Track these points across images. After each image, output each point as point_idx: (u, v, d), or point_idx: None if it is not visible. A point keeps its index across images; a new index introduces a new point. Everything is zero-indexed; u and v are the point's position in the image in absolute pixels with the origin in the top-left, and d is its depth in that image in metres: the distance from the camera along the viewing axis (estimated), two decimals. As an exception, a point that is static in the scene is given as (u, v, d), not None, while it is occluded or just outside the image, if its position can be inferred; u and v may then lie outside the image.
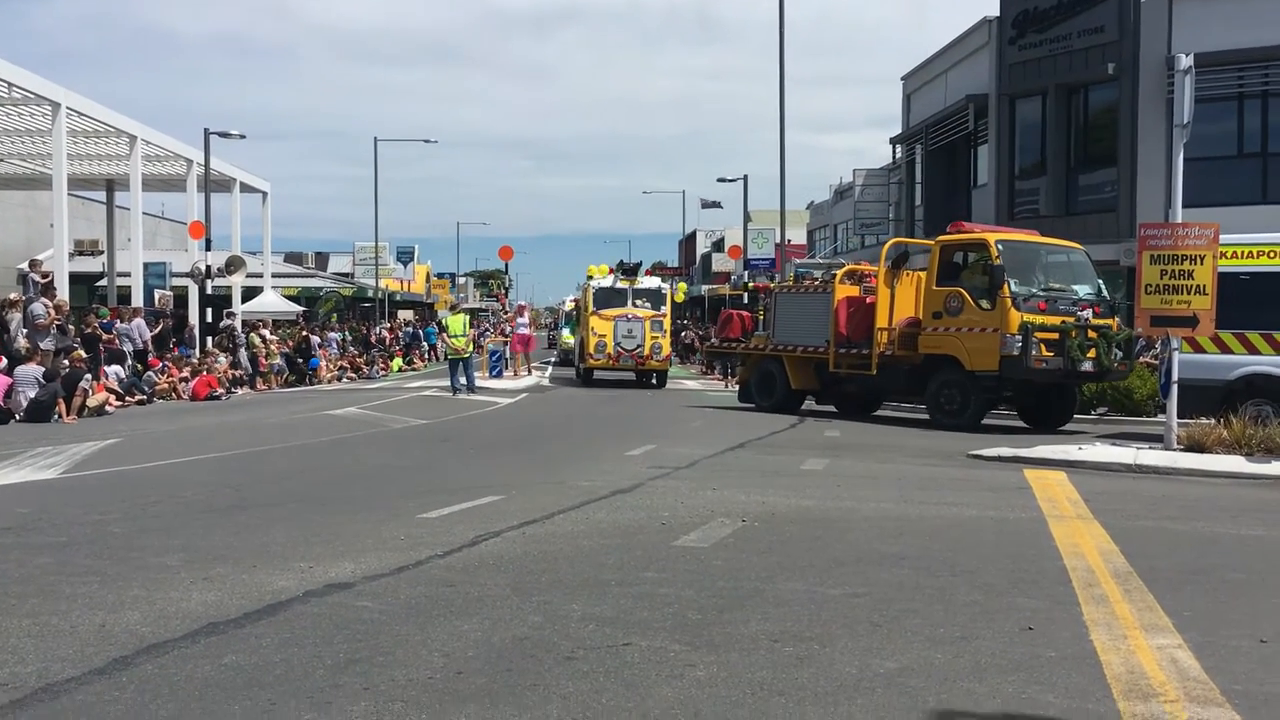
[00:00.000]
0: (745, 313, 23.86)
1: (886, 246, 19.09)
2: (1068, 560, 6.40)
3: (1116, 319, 16.60)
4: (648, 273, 30.52)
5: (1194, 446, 11.55)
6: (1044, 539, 7.12)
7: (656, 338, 27.88)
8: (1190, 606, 5.32)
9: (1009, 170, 29.36)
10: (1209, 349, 13.71)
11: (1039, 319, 15.44)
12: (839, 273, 19.27)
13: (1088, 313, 15.83)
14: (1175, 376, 12.02)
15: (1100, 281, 16.85)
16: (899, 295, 17.70)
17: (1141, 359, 18.74)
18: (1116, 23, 25.69)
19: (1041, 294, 15.93)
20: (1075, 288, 16.43)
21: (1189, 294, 11.57)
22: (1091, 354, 15.52)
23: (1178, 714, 3.78)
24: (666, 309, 28.96)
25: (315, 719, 3.68)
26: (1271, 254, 13.70)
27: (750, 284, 23.78)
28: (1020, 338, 15.24)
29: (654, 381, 28.77)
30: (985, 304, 15.80)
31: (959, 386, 16.24)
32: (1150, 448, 11.98)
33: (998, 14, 29.01)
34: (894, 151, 38.99)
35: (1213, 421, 12.16)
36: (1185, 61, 12.22)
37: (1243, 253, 13.77)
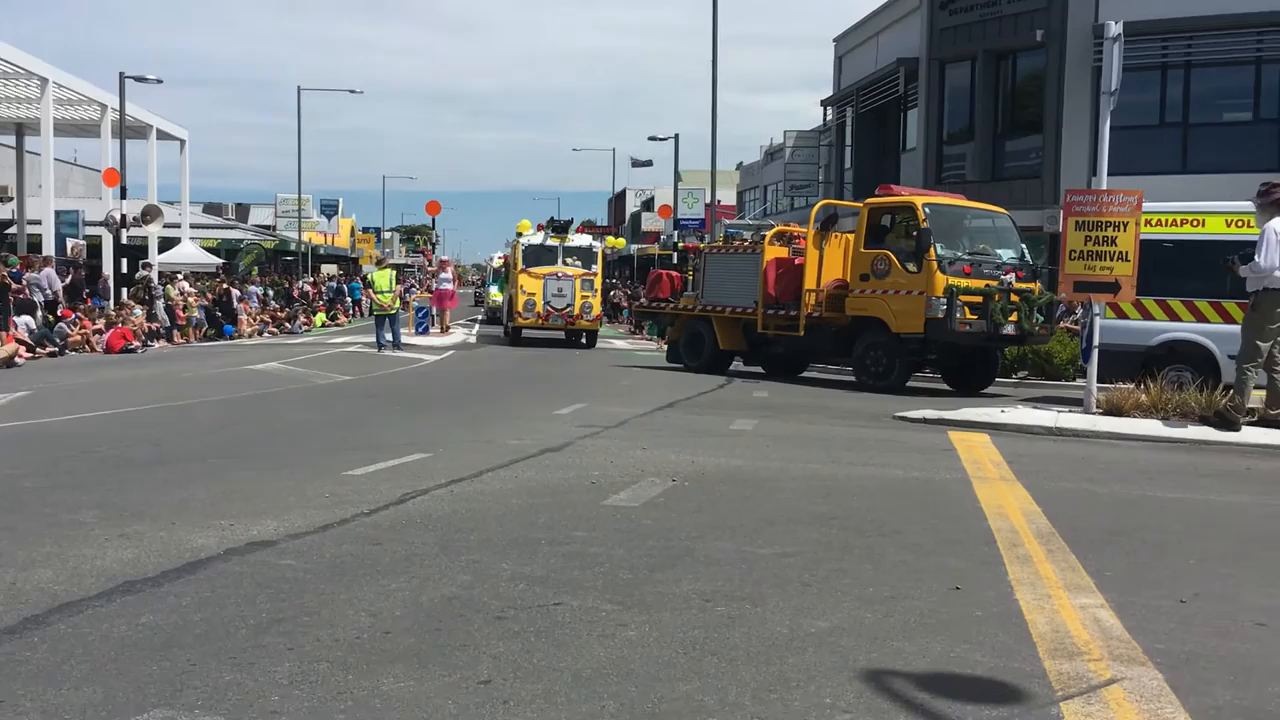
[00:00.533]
0: (674, 273, 23.69)
1: (816, 208, 19.08)
2: (992, 521, 6.49)
3: (1038, 283, 16.88)
4: (579, 230, 29.99)
5: (1112, 410, 11.79)
6: (969, 500, 7.21)
7: (587, 297, 27.46)
8: (1111, 567, 5.42)
9: (938, 135, 29.62)
10: (1131, 315, 13.96)
11: (964, 282, 15.59)
12: (768, 234, 19.22)
13: (1011, 277, 16.03)
14: (1096, 341, 12.23)
15: (1023, 246, 17.07)
16: (827, 257, 17.73)
17: (1062, 324, 19.11)
18: (1046, -10, 25.94)
19: (966, 258, 16.07)
20: (999, 252, 16.62)
21: (1112, 260, 11.75)
22: (1014, 318, 15.74)
23: (1101, 672, 3.84)
24: (598, 268, 28.52)
25: (237, 680, 3.58)
26: (1195, 222, 13.98)
27: (680, 244, 23.48)
28: (945, 300, 15.35)
29: (584, 341, 28.38)
30: (912, 267, 15.89)
31: (885, 348, 16.35)
32: (1070, 411, 12.21)
33: (930, -22, 29.13)
34: (825, 114, 39.12)
35: (1131, 386, 12.42)
36: (1114, 29, 12.34)
37: (1167, 220, 14.03)
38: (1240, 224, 13.13)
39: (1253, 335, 10.59)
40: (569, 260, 27.78)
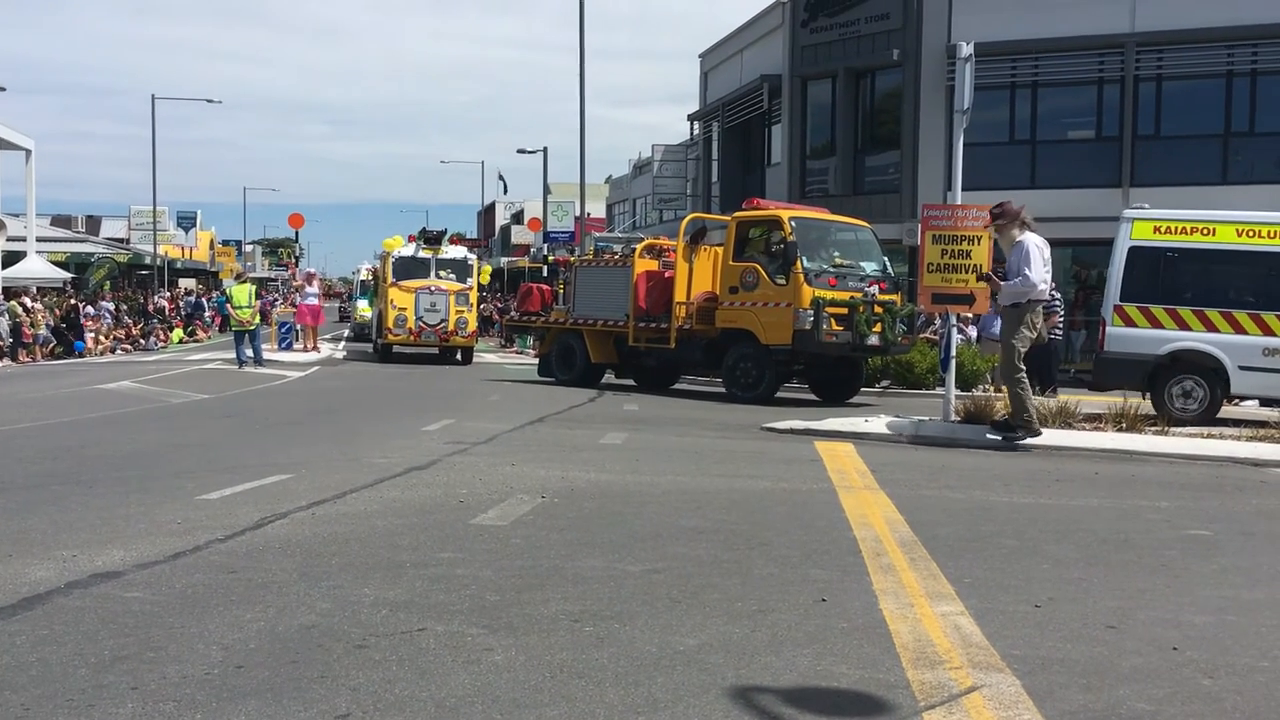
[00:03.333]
0: (545, 286, 23.42)
1: (685, 222, 19.19)
2: (857, 531, 6.59)
3: (900, 295, 17.31)
4: (453, 241, 28.26)
5: (971, 419, 12.15)
6: (835, 510, 7.32)
7: (462, 311, 26.31)
8: (970, 573, 5.55)
9: (801, 150, 30.22)
10: (1140, 323, 13.83)
11: (830, 294, 15.88)
12: (639, 247, 19.26)
13: (875, 289, 16.43)
14: (954, 351, 12.59)
15: (885, 259, 17.48)
16: (697, 270, 17.86)
17: (922, 334, 19.65)
18: (901, 11, 26.74)
19: (831, 270, 16.38)
20: (863, 264, 16.97)
21: (967, 273, 12.10)
22: (878, 329, 16.10)
23: (962, 680, 3.91)
24: (473, 281, 27.32)
25: (75, 725, 3.37)
26: (1205, 230, 13.85)
27: (550, 257, 23.22)
28: (812, 312, 15.60)
29: (459, 358, 27.25)
30: (780, 279, 16.11)
31: (754, 360, 16.51)
32: (931, 419, 12.53)
33: (791, -3, 29.74)
34: (692, 128, 39.55)
35: (990, 395, 12.82)
36: (966, 50, 12.75)
37: (1176, 229, 13.96)
38: (1251, 234, 13.52)
39: (1013, 345, 10.76)
40: (442, 273, 26.58)
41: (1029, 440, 10.85)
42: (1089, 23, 24.68)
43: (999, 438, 11.03)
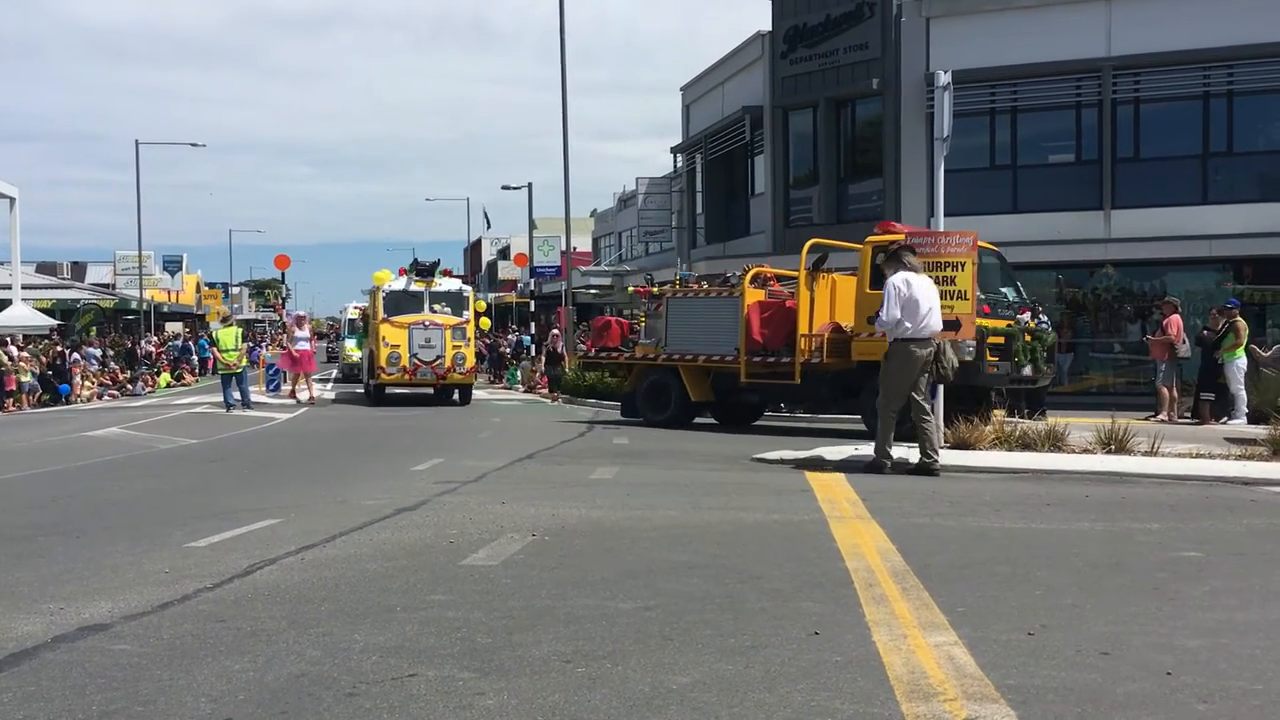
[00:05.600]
0: (622, 319, 21.22)
1: (806, 247, 17.12)
2: (849, 561, 6.57)
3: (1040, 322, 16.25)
4: (445, 273, 26.15)
5: (960, 444, 12.16)
6: (826, 541, 7.30)
7: (459, 347, 24.60)
8: (963, 602, 5.53)
9: (784, 179, 30.42)
10: None
11: (990, 323, 14.77)
12: (746, 276, 17.73)
13: (1026, 316, 15.57)
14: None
15: (1018, 283, 16.46)
16: (816, 299, 16.43)
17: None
18: (879, 40, 27.01)
19: (983, 297, 15.02)
20: (1002, 290, 15.89)
21: (952, 299, 12.17)
22: (1029, 359, 15.21)
23: (957, 712, 3.89)
24: (469, 314, 25.54)
25: (62, 784, 3.32)
26: None
27: (630, 288, 21.41)
28: (973, 343, 14.35)
29: (456, 398, 25.54)
30: None
31: None
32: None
33: (770, 29, 30.01)
34: (675, 160, 39.77)
35: (977, 421, 12.84)
36: (944, 78, 12.89)
37: None
38: None
39: (887, 383, 11.24)
40: (436, 307, 24.83)
41: (935, 467, 10.89)
42: (1065, 48, 24.95)
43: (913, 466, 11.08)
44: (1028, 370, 15.26)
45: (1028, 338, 15.34)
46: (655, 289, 19.43)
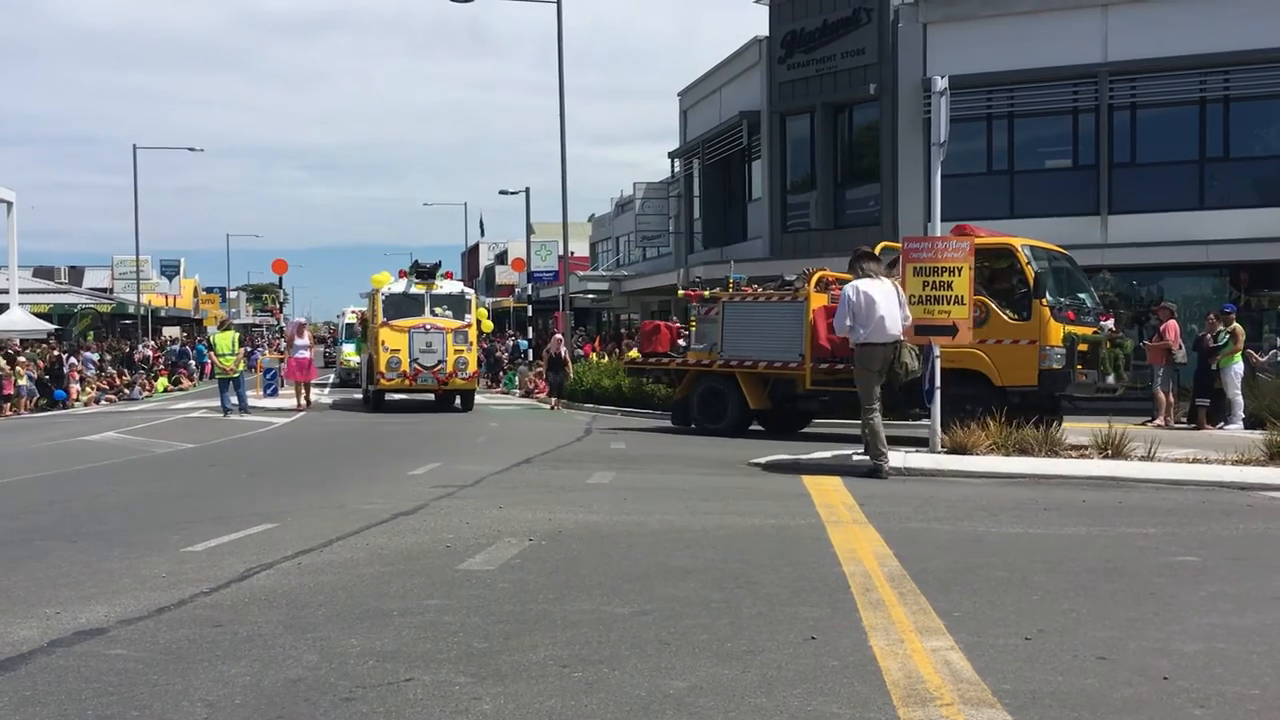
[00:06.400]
0: (672, 323, 20.22)
1: (878, 250, 15.88)
2: (846, 566, 6.57)
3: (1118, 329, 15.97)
4: (447, 275, 25.26)
5: (957, 449, 12.16)
6: (823, 545, 7.30)
7: (461, 351, 23.80)
8: (960, 607, 5.54)
9: (781, 185, 30.45)
10: None
11: (1076, 330, 14.44)
12: (811, 279, 16.90)
13: (1109, 322, 15.28)
14: (938, 382, 12.62)
15: (1092, 288, 16.18)
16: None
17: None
18: (876, 46, 27.06)
19: (1068, 303, 14.80)
20: (1080, 295, 15.54)
21: (949, 304, 12.16)
22: (1112, 366, 14.97)
23: (953, 717, 3.89)
24: (472, 318, 24.63)
25: (58, 789, 3.32)
26: None
27: (681, 291, 19.89)
28: (1063, 350, 14.06)
29: (458, 404, 24.76)
30: (1012, 314, 14.46)
31: (983, 402, 14.05)
32: (917, 451, 12.54)
33: (767, 34, 30.05)
34: (673, 165, 39.81)
35: (974, 425, 12.83)
36: (941, 84, 12.90)
37: None
38: None
39: (859, 386, 11.79)
40: (438, 310, 24.00)
41: (886, 469, 11.13)
42: (1062, 54, 25.00)
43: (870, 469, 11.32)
44: (1110, 379, 14.93)
45: (1109, 345, 15.03)
46: (706, 292, 18.37)
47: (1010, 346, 14.47)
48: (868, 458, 11.85)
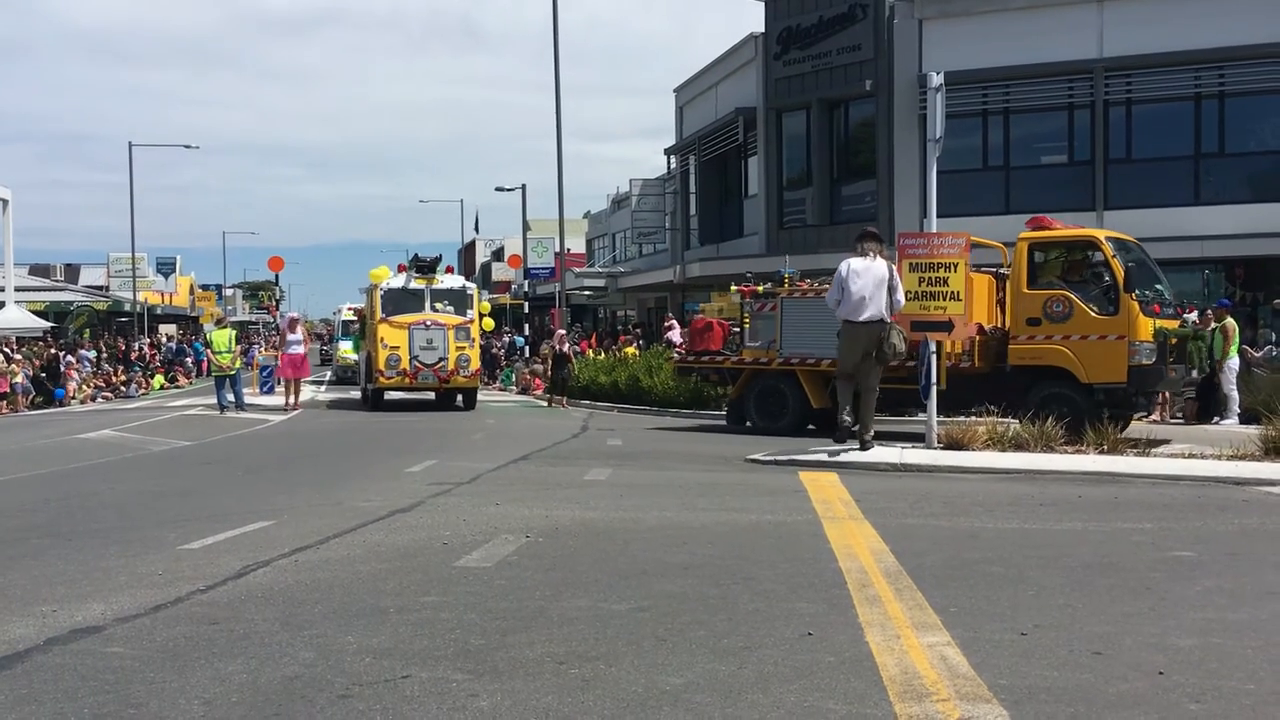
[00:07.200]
0: (724, 320, 19.07)
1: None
2: (842, 562, 6.58)
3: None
4: (448, 269, 24.33)
5: (953, 445, 12.18)
6: (820, 541, 7.31)
7: (463, 348, 22.89)
8: (956, 602, 5.55)
9: (778, 181, 30.46)
10: None
11: (1165, 324, 14.14)
12: None
13: (1193, 315, 15.01)
14: (935, 379, 12.64)
15: (1165, 279, 15.81)
16: None
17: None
18: (872, 42, 27.06)
19: (1153, 296, 14.38)
20: (1158, 287, 15.12)
21: (945, 300, 12.18)
22: (1195, 361, 14.76)
23: (950, 712, 3.90)
24: (474, 313, 23.66)
25: (54, 787, 3.32)
26: None
27: (734, 287, 18.82)
28: (1154, 345, 13.69)
29: (460, 403, 23.84)
30: (1096, 308, 13.94)
31: (1067, 399, 13.77)
32: (914, 447, 12.56)
33: (763, 30, 30.03)
34: (669, 162, 39.80)
35: (971, 421, 12.86)
36: (936, 80, 12.90)
37: None
38: None
39: (838, 357, 12.76)
40: (439, 305, 23.10)
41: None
42: (1057, 49, 25.01)
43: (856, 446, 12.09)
44: (1195, 374, 14.69)
45: (1192, 338, 14.83)
46: (760, 288, 17.59)
47: (1097, 342, 13.91)
48: (864, 454, 11.90)
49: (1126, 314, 13.75)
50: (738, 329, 17.92)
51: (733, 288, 18.75)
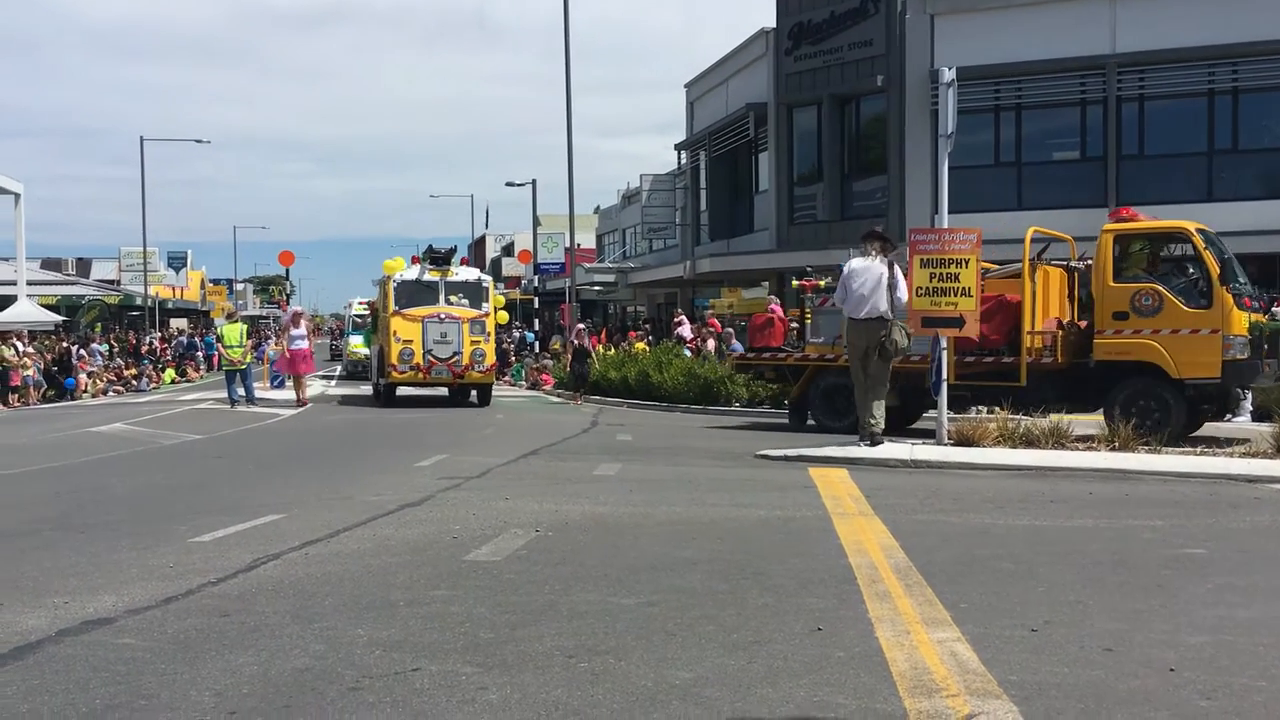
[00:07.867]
0: (784, 316, 18.60)
1: (1029, 235, 14.65)
2: (852, 558, 6.57)
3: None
4: (463, 261, 23.80)
5: (963, 441, 12.16)
6: (829, 537, 7.30)
7: (478, 342, 22.23)
8: (966, 598, 5.53)
9: (788, 176, 30.39)
10: None
11: (1260, 319, 13.86)
12: None
13: (1279, 308, 14.82)
14: (945, 375, 12.61)
15: (1244, 273, 15.23)
16: (1037, 292, 14.59)
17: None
18: (884, 37, 26.97)
19: (1245, 289, 13.94)
20: (1243, 281, 14.54)
21: (956, 296, 12.15)
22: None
23: (960, 708, 3.89)
24: (489, 306, 23.09)
25: (66, 777, 3.34)
26: None
27: (795, 281, 17.88)
28: (1248, 340, 13.32)
29: (474, 399, 23.16)
30: (1185, 301, 13.49)
31: (1157, 396, 13.45)
32: (924, 443, 12.54)
33: (774, 25, 29.97)
34: (679, 157, 39.75)
35: (982, 417, 12.82)
36: (948, 75, 12.85)
37: None
38: None
39: (848, 354, 12.99)
40: (453, 298, 22.53)
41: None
42: (1070, 45, 24.91)
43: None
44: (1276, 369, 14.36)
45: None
46: (823, 283, 16.87)
47: (1189, 337, 13.44)
48: (874, 450, 11.89)
49: (1220, 307, 13.32)
50: (796, 325, 17.52)
51: (794, 282, 17.95)
